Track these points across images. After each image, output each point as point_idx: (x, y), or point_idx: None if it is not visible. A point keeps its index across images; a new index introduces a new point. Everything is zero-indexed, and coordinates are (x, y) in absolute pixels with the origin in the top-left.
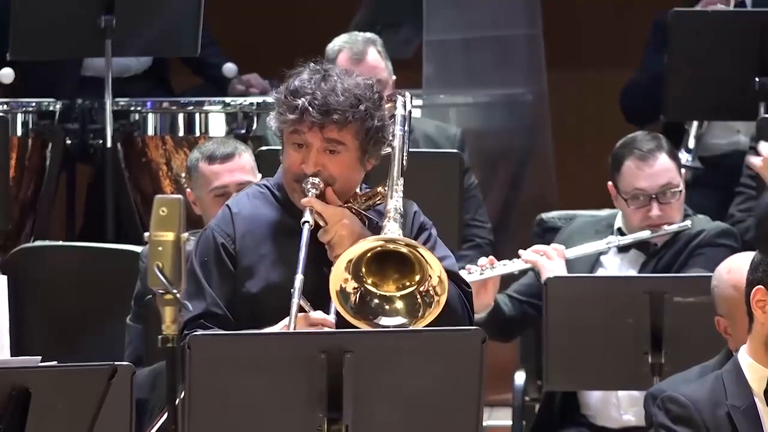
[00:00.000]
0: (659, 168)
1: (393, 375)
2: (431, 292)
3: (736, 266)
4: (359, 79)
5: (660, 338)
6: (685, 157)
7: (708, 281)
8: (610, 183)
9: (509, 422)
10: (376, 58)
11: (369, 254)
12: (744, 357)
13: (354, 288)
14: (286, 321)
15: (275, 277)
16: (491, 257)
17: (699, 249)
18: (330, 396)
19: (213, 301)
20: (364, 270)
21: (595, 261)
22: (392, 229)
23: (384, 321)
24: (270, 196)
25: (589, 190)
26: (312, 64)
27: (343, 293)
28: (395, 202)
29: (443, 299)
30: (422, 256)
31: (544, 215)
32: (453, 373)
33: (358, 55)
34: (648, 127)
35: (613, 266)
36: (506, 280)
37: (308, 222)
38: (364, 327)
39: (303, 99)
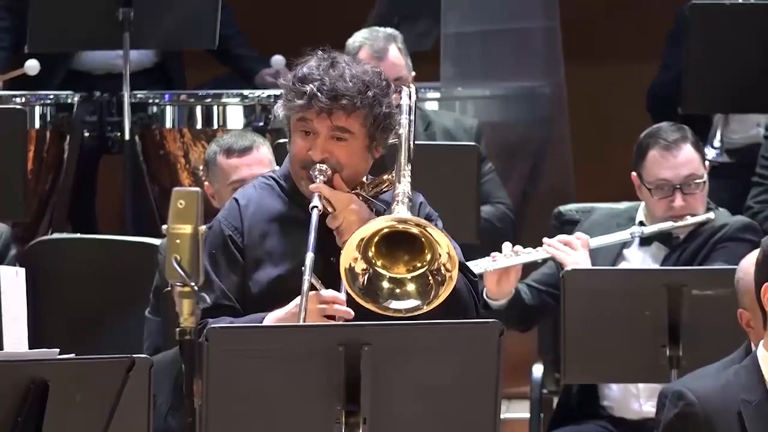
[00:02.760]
0: (684, 158)
1: (410, 367)
2: (442, 269)
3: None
4: (367, 67)
5: (678, 331)
6: (711, 153)
7: (726, 274)
8: (633, 173)
9: (527, 415)
10: (396, 56)
11: (378, 237)
12: (761, 351)
13: (363, 269)
14: (298, 300)
15: (283, 268)
16: (516, 246)
17: (721, 243)
18: (348, 388)
19: (222, 294)
20: (373, 251)
21: (617, 254)
22: (401, 211)
23: (394, 305)
24: (277, 188)
25: (607, 183)
26: (320, 52)
27: (352, 272)
28: (404, 186)
29: (455, 274)
30: (431, 234)
31: (562, 208)
32: (470, 365)
33: (379, 53)
34: None
35: (636, 259)
36: (527, 268)
37: (317, 207)
38: (372, 308)
39: (311, 85)
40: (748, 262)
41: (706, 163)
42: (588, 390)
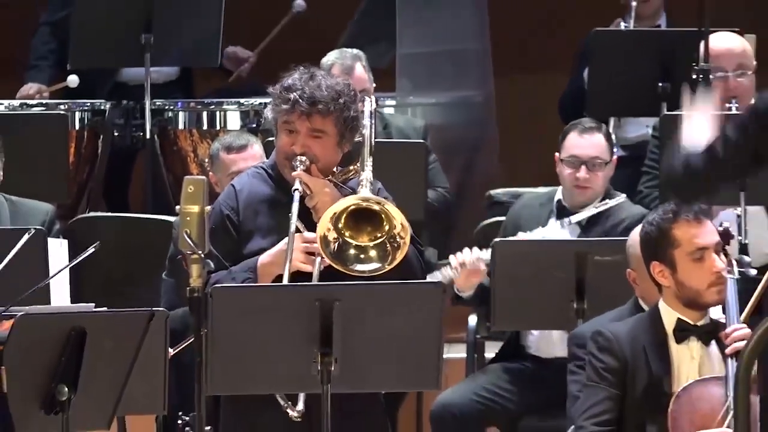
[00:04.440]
0: (594, 141)
1: (372, 318)
2: (397, 237)
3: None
4: (339, 79)
5: (583, 289)
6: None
7: (620, 245)
8: (557, 153)
9: (464, 355)
10: (361, 72)
11: (346, 212)
12: (662, 304)
13: (334, 238)
14: (285, 240)
15: (270, 240)
16: (461, 255)
17: (620, 228)
18: (322, 335)
19: (219, 263)
20: (342, 224)
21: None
22: (365, 193)
23: (359, 267)
24: (266, 176)
25: (527, 172)
26: (301, 67)
27: (325, 240)
28: (367, 174)
29: (407, 240)
30: (388, 210)
31: (492, 192)
32: (420, 316)
33: (347, 69)
34: None
35: (553, 231)
36: None
37: (298, 189)
38: (341, 269)
39: (294, 93)
40: (636, 234)
41: (615, 156)
42: (517, 337)
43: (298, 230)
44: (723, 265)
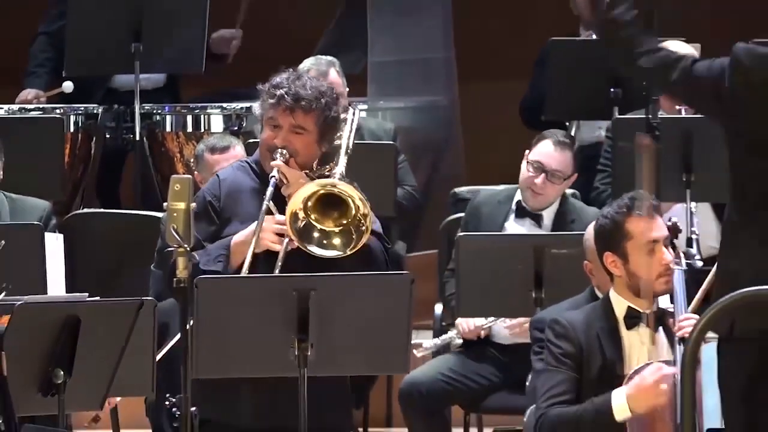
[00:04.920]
0: (561, 157)
1: (346, 307)
2: (360, 223)
3: None
4: (324, 82)
5: (541, 279)
6: None
7: (575, 239)
8: (527, 151)
9: (435, 339)
10: (335, 77)
11: (317, 196)
12: (612, 293)
13: (302, 218)
14: (256, 222)
15: (247, 225)
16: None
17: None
18: (299, 322)
19: (198, 244)
20: (311, 206)
21: (501, 226)
22: (337, 180)
23: (317, 251)
24: (249, 169)
25: (489, 171)
26: (291, 69)
27: (294, 216)
28: (340, 168)
29: (369, 226)
30: (353, 196)
31: (457, 189)
32: (390, 304)
33: (323, 75)
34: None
35: (514, 230)
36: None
37: (275, 177)
38: (301, 247)
39: (280, 90)
40: (592, 228)
41: (573, 177)
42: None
43: (270, 212)
44: (671, 257)
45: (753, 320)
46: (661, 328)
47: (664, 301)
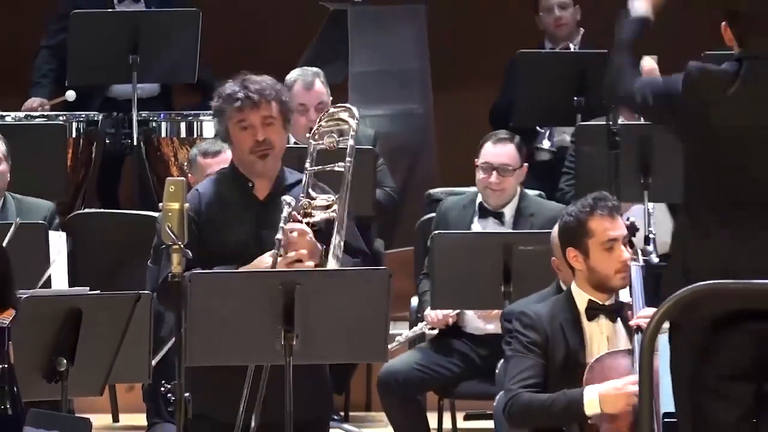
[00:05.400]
0: (505, 151)
1: (328, 300)
2: None
3: None
4: (265, 76)
5: (510, 274)
6: (547, 144)
7: (541, 236)
8: (476, 159)
9: (407, 331)
10: (320, 86)
11: None
12: (574, 287)
13: None
14: (262, 259)
15: (227, 236)
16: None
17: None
18: (285, 314)
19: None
20: None
21: (467, 229)
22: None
23: None
24: (226, 178)
25: (461, 173)
26: (229, 80)
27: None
28: (337, 239)
29: None
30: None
31: (431, 191)
32: (369, 298)
33: (308, 85)
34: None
35: (479, 230)
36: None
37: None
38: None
39: (240, 93)
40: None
41: (524, 166)
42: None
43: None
44: (629, 255)
45: (701, 311)
46: (619, 320)
47: (624, 295)
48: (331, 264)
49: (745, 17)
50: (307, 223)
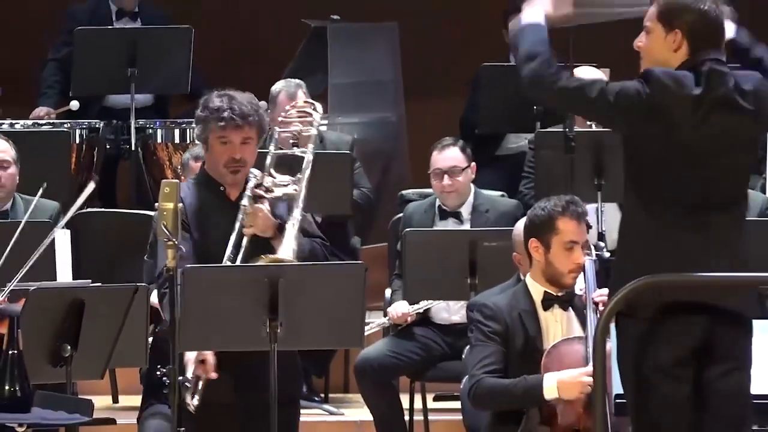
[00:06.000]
0: (450, 155)
1: (309, 291)
2: None
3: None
4: (249, 96)
5: (475, 268)
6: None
7: (504, 233)
8: (428, 171)
9: (382, 320)
10: (303, 97)
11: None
12: (529, 280)
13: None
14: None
15: (209, 234)
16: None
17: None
18: (270, 304)
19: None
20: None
21: (431, 225)
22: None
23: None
24: (201, 184)
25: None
26: (215, 92)
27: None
28: (297, 212)
29: None
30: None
31: (403, 191)
32: (347, 289)
33: (292, 95)
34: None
35: (443, 227)
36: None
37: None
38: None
39: (226, 112)
40: (520, 225)
41: (473, 165)
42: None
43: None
44: (582, 260)
45: (643, 301)
46: (571, 308)
47: (578, 286)
48: (290, 232)
49: (698, 28)
50: (269, 198)
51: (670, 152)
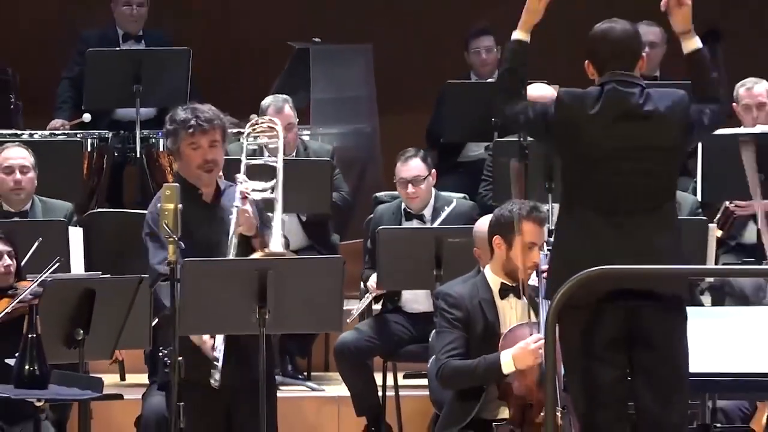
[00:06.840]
0: (413, 165)
1: (294, 282)
2: None
3: (484, 222)
4: (208, 105)
5: (441, 262)
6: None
7: (464, 231)
8: (395, 181)
9: (347, 307)
10: (289, 110)
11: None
12: (488, 272)
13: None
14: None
15: (194, 234)
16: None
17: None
18: (259, 293)
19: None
20: None
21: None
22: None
23: None
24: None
25: None
26: (179, 107)
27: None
28: (280, 211)
29: None
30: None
31: (378, 194)
32: (326, 280)
33: (279, 109)
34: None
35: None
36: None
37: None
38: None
39: (193, 120)
40: (481, 222)
41: (433, 172)
42: (395, 296)
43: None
44: (539, 260)
45: (585, 291)
46: (524, 297)
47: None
48: (277, 222)
49: (601, 54)
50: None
51: (580, 162)
